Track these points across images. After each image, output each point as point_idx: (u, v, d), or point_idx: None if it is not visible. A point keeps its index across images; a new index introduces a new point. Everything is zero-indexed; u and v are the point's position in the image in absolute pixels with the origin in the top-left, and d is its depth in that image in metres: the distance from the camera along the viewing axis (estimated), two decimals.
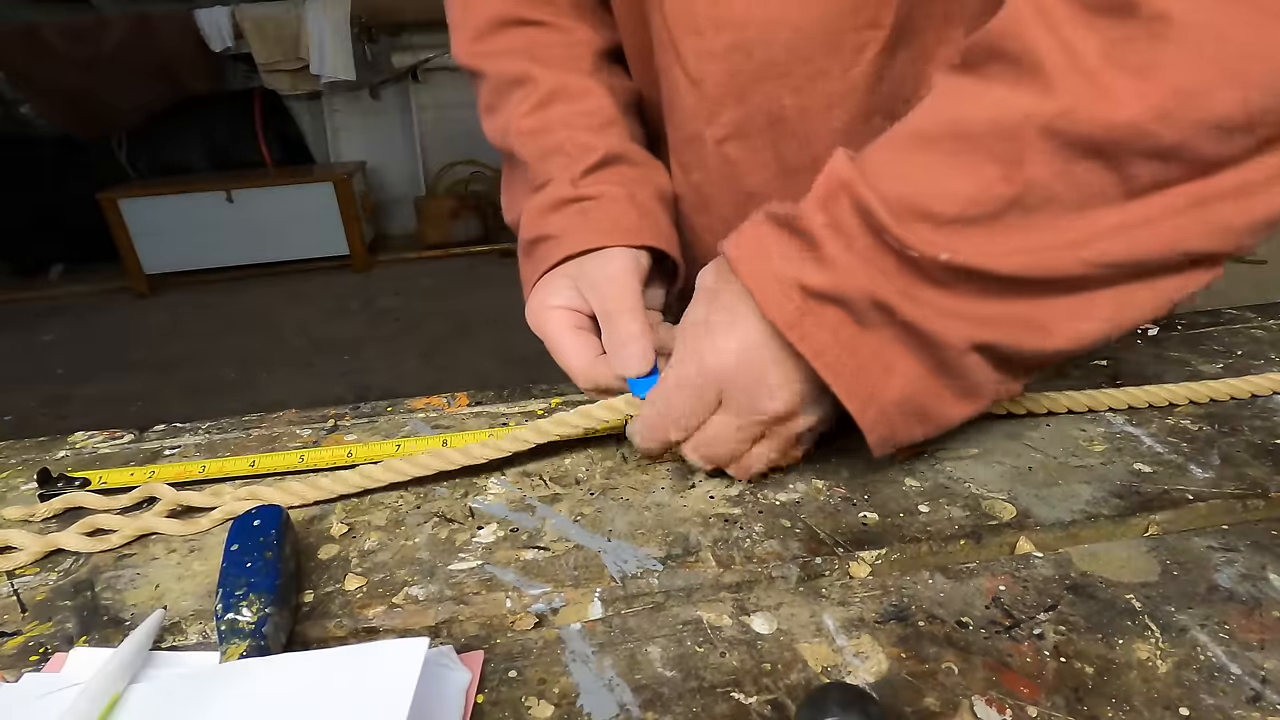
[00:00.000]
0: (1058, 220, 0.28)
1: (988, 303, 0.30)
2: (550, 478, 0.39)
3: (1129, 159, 0.27)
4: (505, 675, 0.28)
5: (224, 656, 0.26)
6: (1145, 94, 0.25)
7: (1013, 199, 0.28)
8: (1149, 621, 0.29)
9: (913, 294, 0.30)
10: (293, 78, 3.29)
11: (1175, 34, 0.25)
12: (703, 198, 0.48)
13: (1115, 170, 0.27)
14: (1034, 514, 0.34)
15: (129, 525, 0.36)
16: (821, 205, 0.31)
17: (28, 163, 3.27)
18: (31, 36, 2.99)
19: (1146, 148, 0.26)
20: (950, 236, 0.29)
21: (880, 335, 0.31)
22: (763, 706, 0.26)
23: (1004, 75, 0.29)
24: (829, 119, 0.42)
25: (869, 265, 0.30)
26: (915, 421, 0.33)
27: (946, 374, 0.32)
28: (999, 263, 0.29)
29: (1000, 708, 0.25)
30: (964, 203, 0.29)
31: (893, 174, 0.30)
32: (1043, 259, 0.29)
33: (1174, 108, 0.25)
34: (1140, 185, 0.27)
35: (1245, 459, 0.37)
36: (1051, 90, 0.27)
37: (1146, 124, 0.26)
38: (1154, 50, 0.25)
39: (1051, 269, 0.29)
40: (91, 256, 3.42)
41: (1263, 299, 0.56)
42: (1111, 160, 0.27)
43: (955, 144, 0.29)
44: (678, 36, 0.42)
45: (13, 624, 0.31)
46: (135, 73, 3.12)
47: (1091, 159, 0.27)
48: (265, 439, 0.45)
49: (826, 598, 0.31)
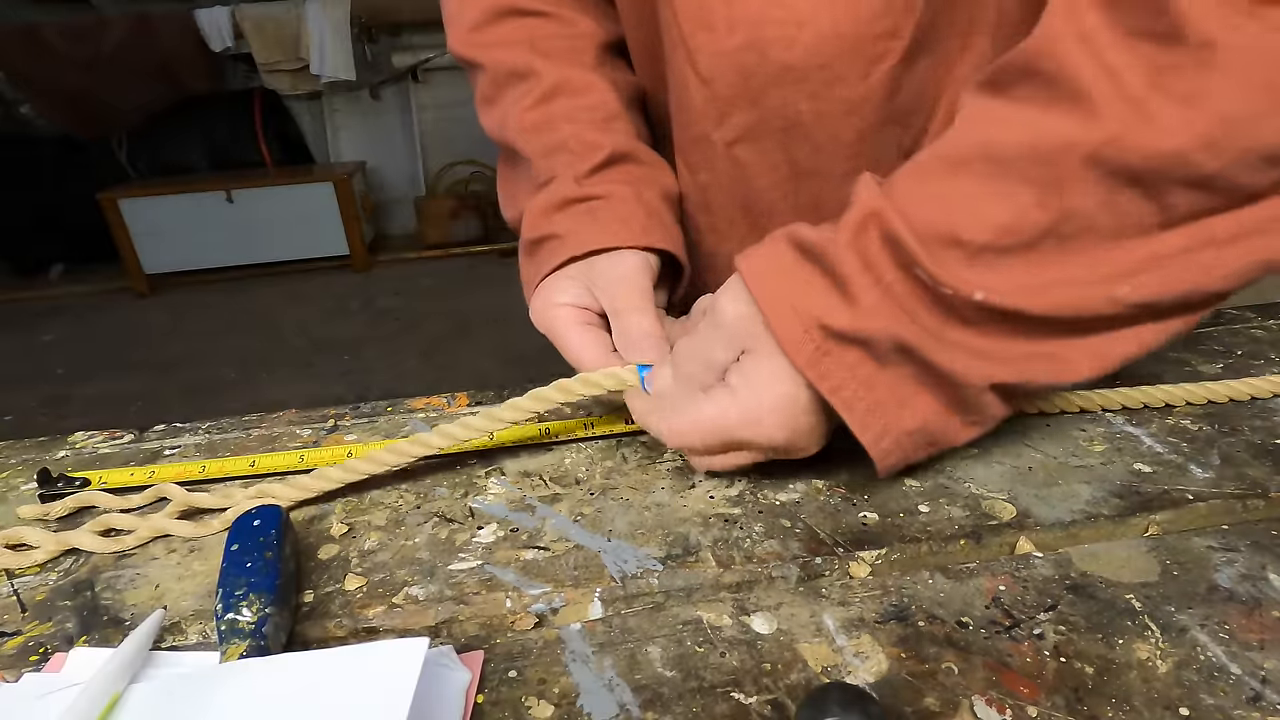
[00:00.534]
0: (1093, 250, 0.28)
1: (1016, 342, 0.30)
2: (550, 478, 0.39)
3: (1169, 188, 0.26)
4: (505, 675, 0.28)
5: (224, 656, 0.26)
6: (1192, 122, 0.25)
7: (1048, 227, 0.28)
8: (1149, 621, 0.29)
9: (941, 334, 0.30)
10: (293, 78, 3.29)
11: (1221, 61, 0.24)
12: (708, 199, 0.47)
13: (1154, 199, 0.27)
14: (1034, 514, 0.34)
15: (143, 526, 0.36)
16: (852, 237, 0.30)
17: (28, 163, 3.27)
18: (31, 36, 2.99)
19: (1188, 176, 0.26)
20: (982, 271, 0.28)
21: (899, 373, 0.31)
22: (763, 706, 0.26)
23: (1038, 98, 0.28)
24: (844, 126, 0.41)
25: (897, 306, 0.30)
26: (924, 447, 0.33)
27: (961, 408, 0.32)
28: (1032, 302, 0.28)
29: (1000, 708, 0.25)
30: (997, 230, 0.28)
31: (922, 201, 0.30)
32: (1075, 297, 0.28)
33: (1220, 136, 0.25)
34: (1177, 215, 0.27)
35: (1245, 459, 0.37)
36: (1097, 116, 0.26)
37: (1192, 153, 0.25)
38: (1200, 78, 0.25)
39: (1083, 309, 0.28)
40: (91, 256, 3.42)
41: (1262, 299, 0.56)
42: (1151, 189, 0.27)
43: (987, 167, 0.29)
44: (688, 32, 0.41)
45: (13, 624, 0.31)
46: (135, 73, 3.12)
47: (1133, 188, 0.27)
48: (265, 439, 0.45)
49: (826, 598, 0.31)
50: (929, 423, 0.32)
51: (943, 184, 0.30)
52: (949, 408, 0.32)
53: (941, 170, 0.30)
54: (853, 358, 0.31)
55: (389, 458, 0.38)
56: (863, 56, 0.39)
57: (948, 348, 0.30)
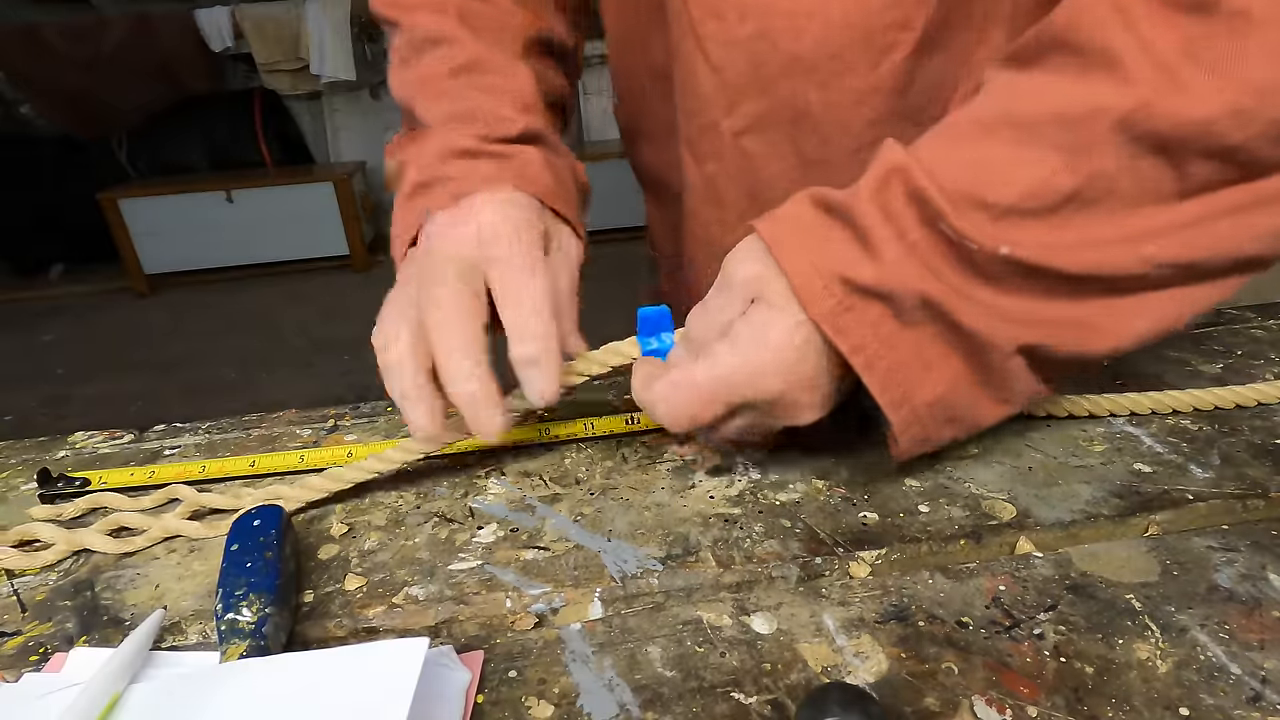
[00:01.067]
0: (1113, 216, 0.28)
1: (1043, 303, 0.29)
2: (550, 478, 0.39)
3: (1190, 157, 0.27)
4: (505, 675, 0.28)
5: (224, 656, 0.26)
6: (1222, 90, 0.25)
7: (1072, 191, 0.28)
8: (1149, 621, 0.29)
9: (967, 292, 0.29)
10: (293, 78, 3.29)
11: (1256, 31, 0.25)
12: (715, 190, 0.46)
13: (1175, 168, 0.27)
14: (1034, 514, 0.34)
15: (155, 526, 0.36)
16: (874, 192, 0.30)
17: (28, 163, 3.27)
18: (31, 36, 2.99)
19: (1210, 146, 0.26)
20: (1007, 228, 0.28)
21: (922, 333, 0.30)
22: (763, 706, 0.26)
23: (1068, 67, 0.28)
24: (854, 117, 0.41)
25: (921, 261, 0.29)
26: (946, 424, 0.32)
27: (985, 375, 0.31)
28: (1062, 259, 0.28)
29: (1000, 708, 0.25)
30: (1022, 192, 0.28)
31: (948, 161, 0.29)
32: (1105, 256, 0.28)
33: (1251, 105, 0.25)
34: (1194, 185, 0.27)
35: (1245, 459, 0.37)
36: (1129, 83, 0.26)
37: (1220, 121, 0.25)
38: (1233, 47, 0.25)
39: (1114, 267, 0.28)
40: (91, 256, 3.41)
41: (1262, 299, 0.56)
42: (1174, 157, 0.27)
43: (1015, 133, 0.29)
44: (698, 19, 0.41)
45: (13, 624, 0.31)
46: (135, 73, 3.12)
47: (1157, 155, 0.27)
48: (265, 439, 0.45)
49: (826, 598, 0.31)
50: (952, 392, 0.31)
51: (968, 148, 0.29)
52: (974, 376, 0.31)
53: (968, 134, 0.30)
54: (875, 314, 0.30)
55: (400, 455, 0.38)
56: (872, 47, 0.39)
57: (973, 306, 0.29)
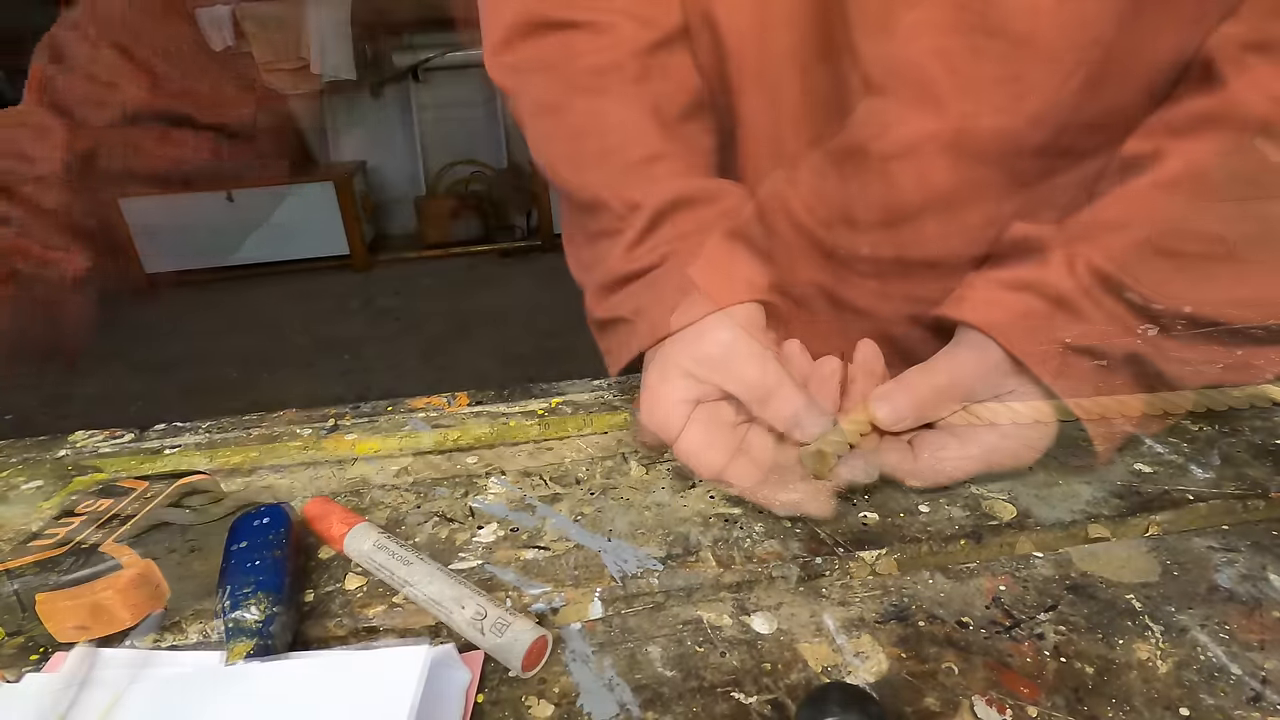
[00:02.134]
0: None
1: (1220, 350, 0.34)
2: (550, 478, 0.39)
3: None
4: (505, 675, 0.28)
5: (229, 654, 0.26)
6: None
7: (1254, 237, 0.32)
8: (1149, 621, 0.29)
9: (1161, 349, 0.34)
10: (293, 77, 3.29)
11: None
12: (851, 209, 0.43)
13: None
14: (1034, 514, 0.34)
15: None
16: (1068, 266, 0.34)
17: None
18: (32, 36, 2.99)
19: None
20: (1186, 285, 0.33)
21: (1123, 376, 0.34)
22: (763, 706, 0.26)
23: (1226, 137, 0.32)
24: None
25: (1118, 322, 0.33)
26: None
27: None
28: (1232, 316, 0.33)
29: (1000, 708, 0.25)
30: (1208, 240, 0.32)
31: (1124, 223, 0.34)
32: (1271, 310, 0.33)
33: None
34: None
35: (1245, 459, 0.37)
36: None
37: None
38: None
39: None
40: None
41: None
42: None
43: (1193, 186, 0.33)
44: (857, 39, 0.37)
45: (13, 624, 0.31)
46: None
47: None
48: (265, 438, 0.45)
49: (826, 598, 0.31)
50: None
51: (1145, 206, 0.33)
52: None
53: (1145, 193, 0.33)
54: (1088, 366, 0.34)
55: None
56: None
57: (1168, 361, 0.34)
